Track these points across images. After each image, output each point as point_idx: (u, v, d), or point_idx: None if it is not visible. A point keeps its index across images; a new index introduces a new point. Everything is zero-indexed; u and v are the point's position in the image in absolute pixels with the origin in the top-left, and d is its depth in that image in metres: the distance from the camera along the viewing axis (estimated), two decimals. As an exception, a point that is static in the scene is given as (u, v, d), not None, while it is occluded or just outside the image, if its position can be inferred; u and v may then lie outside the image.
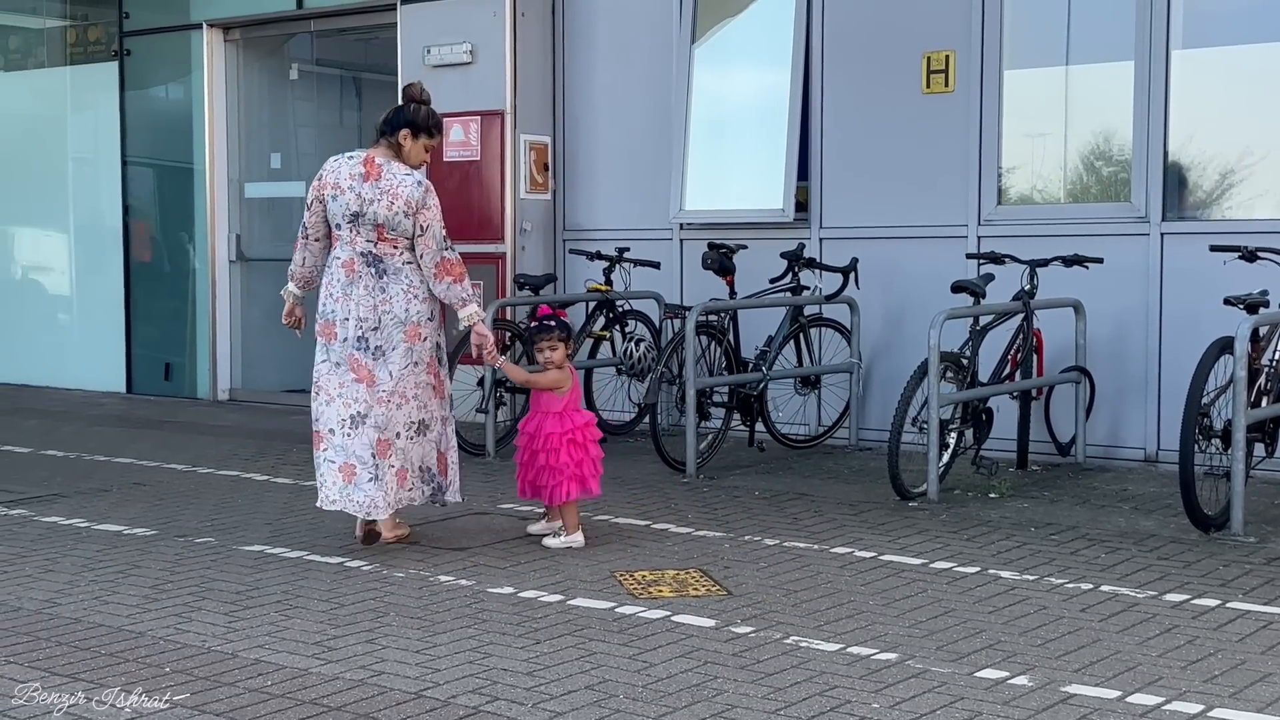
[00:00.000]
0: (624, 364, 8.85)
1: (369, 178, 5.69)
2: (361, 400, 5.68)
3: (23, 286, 12.48)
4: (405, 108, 5.91)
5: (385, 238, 5.69)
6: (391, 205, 5.65)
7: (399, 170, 5.73)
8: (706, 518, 6.38)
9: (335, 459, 5.68)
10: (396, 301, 5.70)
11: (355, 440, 5.66)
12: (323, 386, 5.73)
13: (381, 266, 5.70)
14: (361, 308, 5.68)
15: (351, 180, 5.70)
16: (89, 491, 7.16)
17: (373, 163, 5.72)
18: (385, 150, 5.81)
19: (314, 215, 5.82)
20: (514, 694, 3.94)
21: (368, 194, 5.67)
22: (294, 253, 5.95)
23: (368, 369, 5.69)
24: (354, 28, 10.76)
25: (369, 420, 5.67)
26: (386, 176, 5.69)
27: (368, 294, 5.69)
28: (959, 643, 4.41)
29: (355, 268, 5.70)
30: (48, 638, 4.51)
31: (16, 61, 12.46)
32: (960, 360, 6.96)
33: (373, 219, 5.67)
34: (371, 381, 5.68)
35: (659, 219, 9.24)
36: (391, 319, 5.70)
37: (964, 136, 8.13)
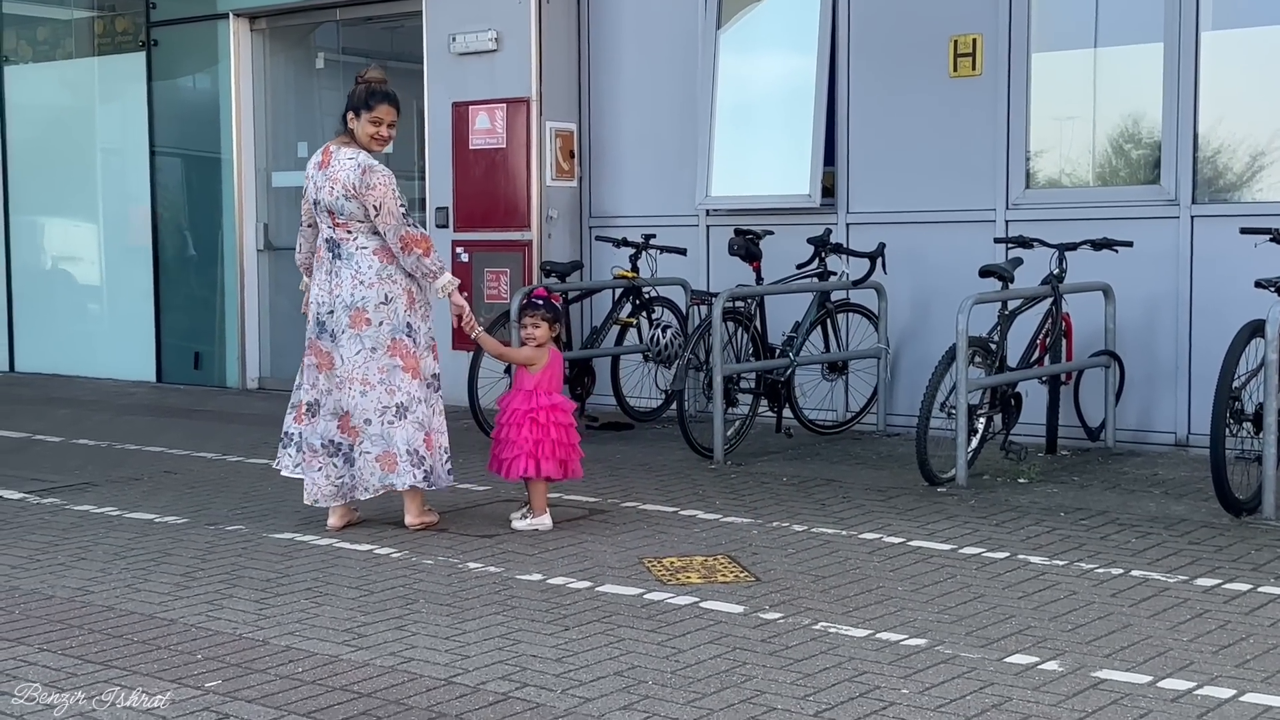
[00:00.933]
0: (650, 350, 8.85)
1: (323, 165, 5.89)
2: (317, 388, 5.88)
3: (53, 276, 12.56)
4: (350, 92, 5.99)
5: (339, 223, 5.84)
6: (333, 190, 5.80)
7: (343, 155, 5.85)
8: (734, 504, 6.37)
9: (296, 439, 5.96)
10: (344, 286, 5.82)
11: (310, 429, 5.88)
12: (302, 367, 6.00)
13: (338, 251, 5.85)
14: (320, 291, 5.88)
15: (313, 169, 5.93)
16: (120, 480, 7.21)
17: (328, 151, 5.92)
18: (343, 138, 5.94)
19: (305, 203, 6.00)
20: (543, 680, 3.95)
21: (320, 181, 5.86)
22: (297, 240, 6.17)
23: (326, 353, 5.86)
24: (379, 16, 10.77)
25: (323, 409, 5.86)
26: (334, 163, 5.85)
27: (326, 278, 5.87)
28: (988, 628, 4.40)
29: (322, 254, 5.91)
30: (80, 625, 4.54)
31: (45, 53, 12.52)
32: (989, 345, 6.93)
33: (327, 205, 5.84)
34: (330, 366, 5.85)
35: (685, 205, 9.22)
36: (340, 303, 5.82)
37: (991, 120, 8.09)
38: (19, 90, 12.51)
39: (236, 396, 10.79)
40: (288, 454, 6.01)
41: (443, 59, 9.75)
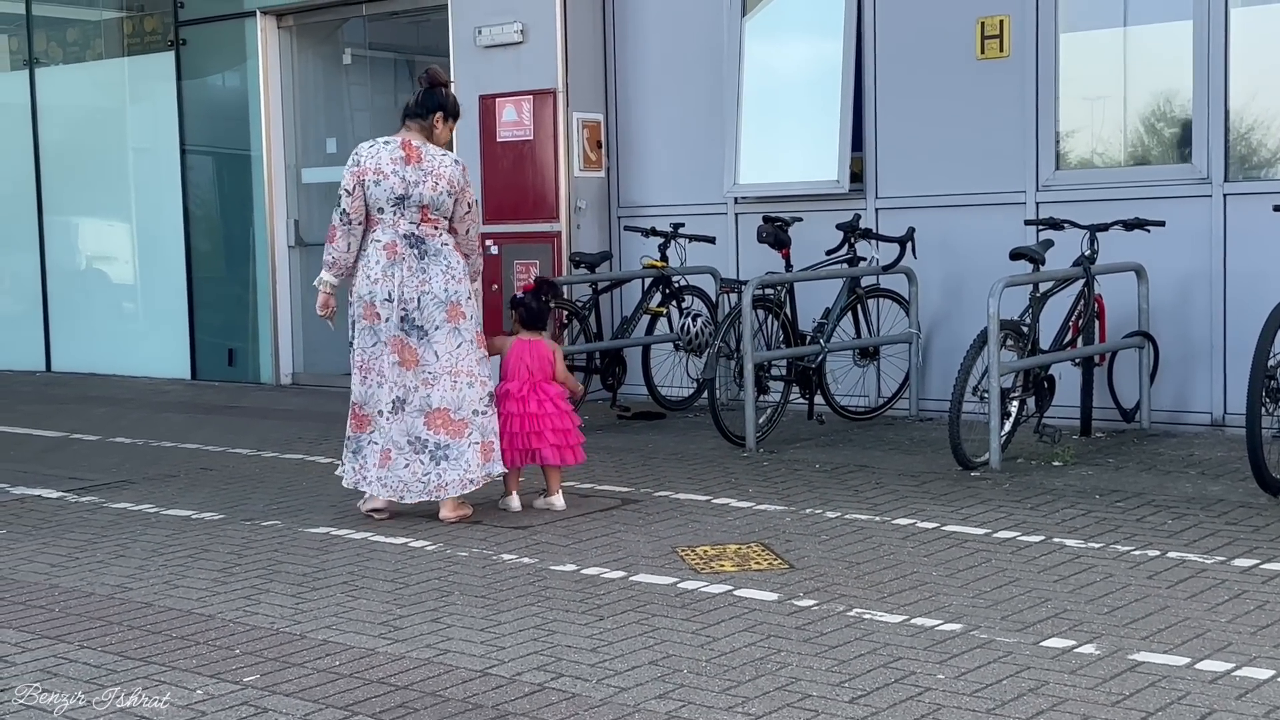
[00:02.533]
0: (681, 339, 8.85)
1: (410, 161, 5.85)
2: (402, 385, 5.85)
3: (87, 276, 12.66)
4: (436, 91, 6.00)
5: (429, 218, 5.86)
6: (436, 186, 5.84)
7: (436, 152, 5.91)
8: (767, 491, 6.37)
9: (379, 442, 5.87)
10: (436, 281, 5.84)
11: (394, 426, 5.85)
12: (373, 368, 5.88)
13: (424, 248, 5.85)
14: (405, 288, 5.82)
15: (394, 164, 5.83)
16: (157, 477, 7.26)
17: (410, 146, 5.88)
18: (418, 133, 5.94)
19: (356, 200, 5.84)
20: (579, 670, 3.96)
21: (411, 177, 5.82)
22: (332, 241, 5.88)
23: (413, 349, 5.84)
24: (405, 10, 10.80)
25: (408, 405, 5.84)
26: (427, 159, 5.86)
27: (411, 275, 5.83)
28: (1024, 612, 4.39)
29: (398, 249, 5.83)
30: (120, 622, 4.59)
31: (75, 54, 12.62)
32: (1021, 328, 6.90)
33: (418, 201, 5.82)
34: (416, 363, 5.84)
35: (713, 193, 9.22)
36: (432, 299, 5.84)
37: (1020, 101, 8.04)
38: (50, 92, 12.61)
39: (270, 392, 10.85)
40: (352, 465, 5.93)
41: (469, 52, 9.77)
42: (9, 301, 13.13)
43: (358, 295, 5.90)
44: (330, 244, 5.90)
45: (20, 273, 12.85)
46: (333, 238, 5.90)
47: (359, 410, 5.93)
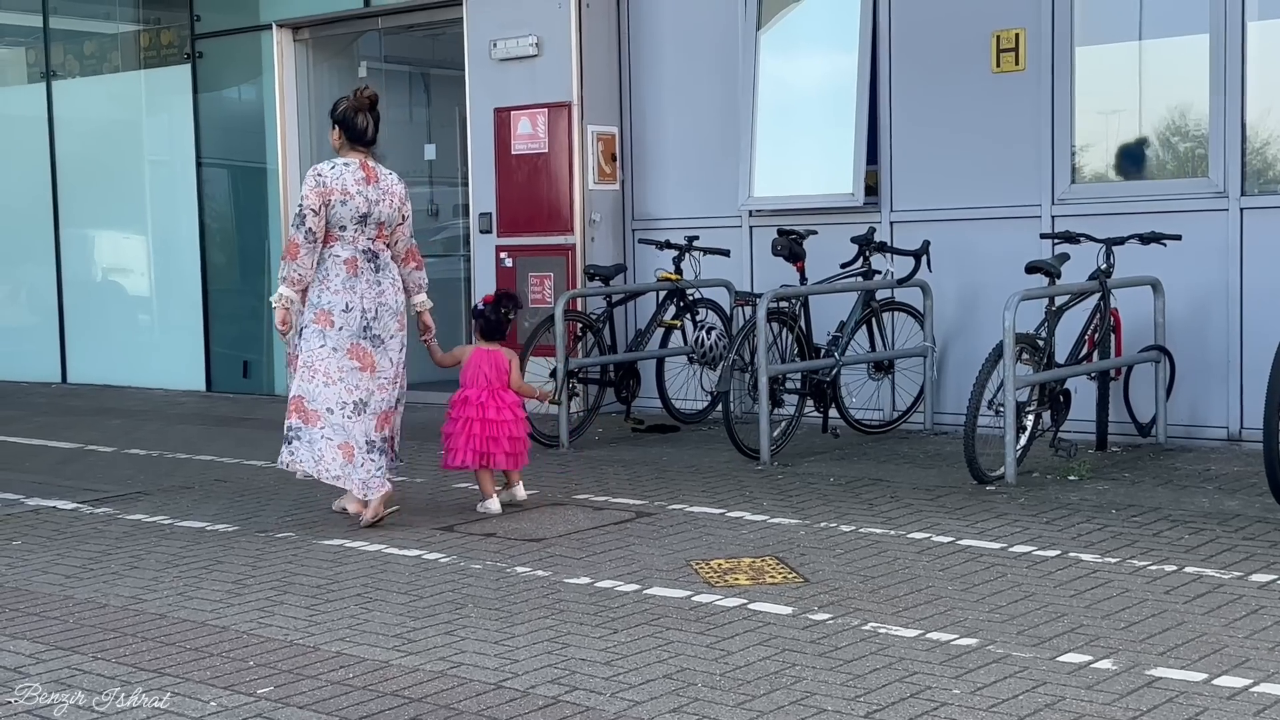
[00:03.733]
0: (695, 352, 8.84)
1: (372, 181, 6.19)
2: (363, 388, 6.15)
3: (103, 288, 12.70)
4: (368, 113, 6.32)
5: (382, 234, 6.25)
6: (391, 204, 6.24)
7: (385, 171, 6.30)
8: (781, 505, 6.36)
9: (334, 437, 6.09)
10: (389, 293, 6.23)
11: (356, 425, 6.13)
12: (320, 369, 6.10)
13: (378, 262, 6.21)
14: (365, 300, 6.14)
15: (358, 185, 6.14)
16: (171, 489, 7.27)
17: (368, 167, 6.23)
18: (366, 155, 6.27)
19: (320, 219, 6.07)
20: (592, 684, 3.95)
21: (373, 196, 6.17)
22: (295, 258, 6.03)
23: (372, 357, 6.16)
24: (421, 24, 10.82)
25: (369, 407, 6.15)
26: (383, 179, 6.25)
27: (369, 287, 6.16)
28: (1040, 627, 4.36)
29: (357, 264, 6.15)
30: (134, 633, 4.59)
31: (92, 66, 12.67)
32: (1036, 342, 6.88)
33: (377, 219, 6.19)
34: (374, 369, 6.17)
35: (728, 206, 9.22)
36: (387, 310, 6.21)
37: (1036, 115, 8.03)
38: (67, 104, 12.66)
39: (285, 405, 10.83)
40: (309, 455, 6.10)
41: (484, 65, 9.79)
42: (25, 313, 13.17)
43: (310, 304, 6.13)
44: (293, 260, 6.05)
45: (36, 285, 12.90)
46: (295, 254, 6.05)
47: (305, 404, 6.10)
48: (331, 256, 6.12)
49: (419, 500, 6.75)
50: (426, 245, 11.52)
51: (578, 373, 8.59)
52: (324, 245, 6.12)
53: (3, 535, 6.20)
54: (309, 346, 6.11)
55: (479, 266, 9.98)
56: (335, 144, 6.31)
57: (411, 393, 10.84)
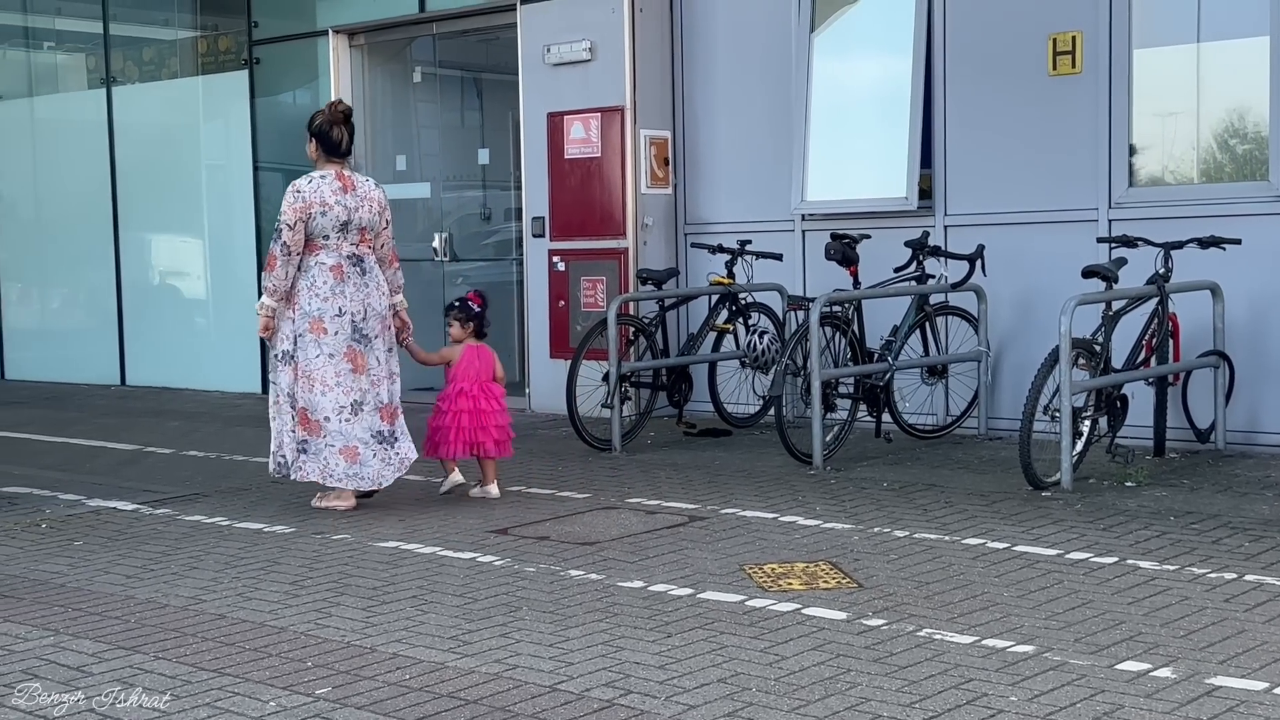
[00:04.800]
0: (747, 356, 8.84)
1: (350, 190, 6.57)
2: (358, 388, 6.53)
3: (161, 291, 12.86)
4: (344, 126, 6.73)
5: (365, 239, 6.61)
6: (372, 209, 6.60)
7: (362, 179, 6.70)
8: (834, 510, 6.34)
9: (335, 444, 6.50)
10: (374, 296, 6.61)
11: (355, 425, 6.52)
12: (317, 378, 6.49)
13: (363, 266, 6.59)
14: (353, 303, 6.53)
15: (335, 195, 6.51)
16: (229, 490, 7.35)
17: (344, 176, 6.59)
18: (342, 165, 6.65)
19: (297, 234, 6.47)
20: (647, 687, 3.96)
21: (351, 204, 6.54)
22: (272, 270, 6.48)
23: (362, 357, 6.56)
24: (475, 29, 10.88)
25: (366, 405, 6.54)
26: (360, 187, 6.62)
27: (356, 290, 6.55)
28: (1098, 634, 4.33)
29: (343, 270, 6.53)
30: (194, 633, 4.64)
31: (150, 73, 12.83)
32: (1093, 347, 6.83)
33: (358, 224, 6.55)
34: (365, 369, 6.56)
35: (780, 210, 9.20)
36: (373, 312, 6.60)
37: (1093, 118, 7.97)
38: (126, 110, 12.82)
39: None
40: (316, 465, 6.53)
41: (538, 70, 9.83)
42: (85, 316, 13.35)
43: (303, 312, 6.50)
44: (271, 272, 6.50)
45: (96, 288, 13.07)
46: (273, 266, 6.49)
47: (309, 416, 6.51)
48: (318, 265, 6.50)
49: (472, 503, 6.78)
50: (479, 249, 11.63)
51: (630, 376, 8.60)
52: (310, 254, 6.51)
53: (65, 536, 6.29)
54: (306, 356, 6.51)
55: (532, 271, 10.02)
56: (312, 156, 6.69)
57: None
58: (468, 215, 11.75)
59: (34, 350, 13.68)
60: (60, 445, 9.27)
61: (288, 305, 6.55)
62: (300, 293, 6.51)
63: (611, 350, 8.17)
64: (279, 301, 6.54)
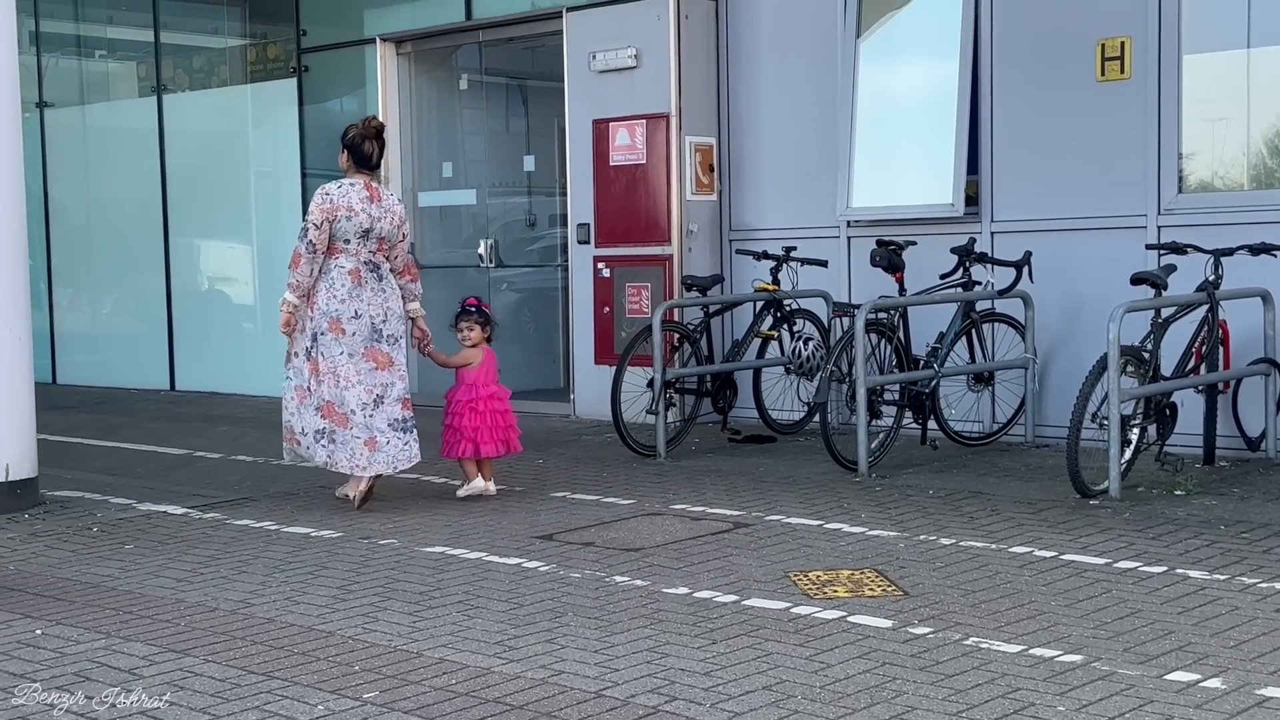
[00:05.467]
0: (792, 363, 8.83)
1: (375, 200, 6.90)
2: (381, 383, 6.86)
3: (209, 297, 12.98)
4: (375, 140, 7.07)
5: (383, 249, 6.95)
6: (393, 221, 6.94)
7: (386, 192, 7.06)
8: (880, 517, 6.32)
9: (360, 435, 6.81)
10: (392, 300, 6.97)
11: (376, 418, 6.85)
12: (340, 374, 6.82)
13: (379, 272, 6.92)
14: (372, 306, 6.87)
15: (362, 204, 6.85)
16: (277, 495, 7.41)
17: (372, 187, 6.94)
18: (371, 177, 7.00)
19: (323, 233, 6.78)
20: (692, 694, 3.96)
21: (375, 213, 6.87)
22: (297, 267, 6.78)
23: (387, 355, 6.89)
24: (521, 36, 10.93)
25: (388, 398, 6.87)
26: (385, 199, 6.97)
27: (374, 294, 6.88)
28: (1147, 644, 4.30)
29: (361, 275, 6.85)
30: (243, 637, 4.69)
31: (200, 80, 12.97)
32: (1141, 354, 6.78)
33: (378, 233, 6.88)
34: (390, 364, 6.90)
35: (826, 217, 9.19)
36: (393, 314, 6.97)
37: (1141, 124, 7.91)
38: (176, 118, 12.95)
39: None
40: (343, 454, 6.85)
41: (583, 77, 9.86)
42: (135, 321, 13.49)
43: (321, 312, 6.81)
44: (296, 269, 6.80)
45: (146, 293, 13.20)
46: (297, 264, 6.79)
47: (335, 409, 6.83)
48: (337, 267, 6.81)
49: (518, 508, 6.81)
50: (523, 255, 11.67)
51: (675, 383, 8.61)
52: (330, 257, 6.82)
53: (116, 539, 6.37)
54: (330, 354, 6.83)
55: (576, 277, 10.05)
56: (343, 165, 7.03)
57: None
58: (513, 222, 11.80)
59: (85, 355, 13.84)
60: (111, 449, 9.38)
61: (307, 303, 6.87)
62: (319, 293, 6.82)
63: (656, 356, 8.19)
64: (300, 299, 6.84)
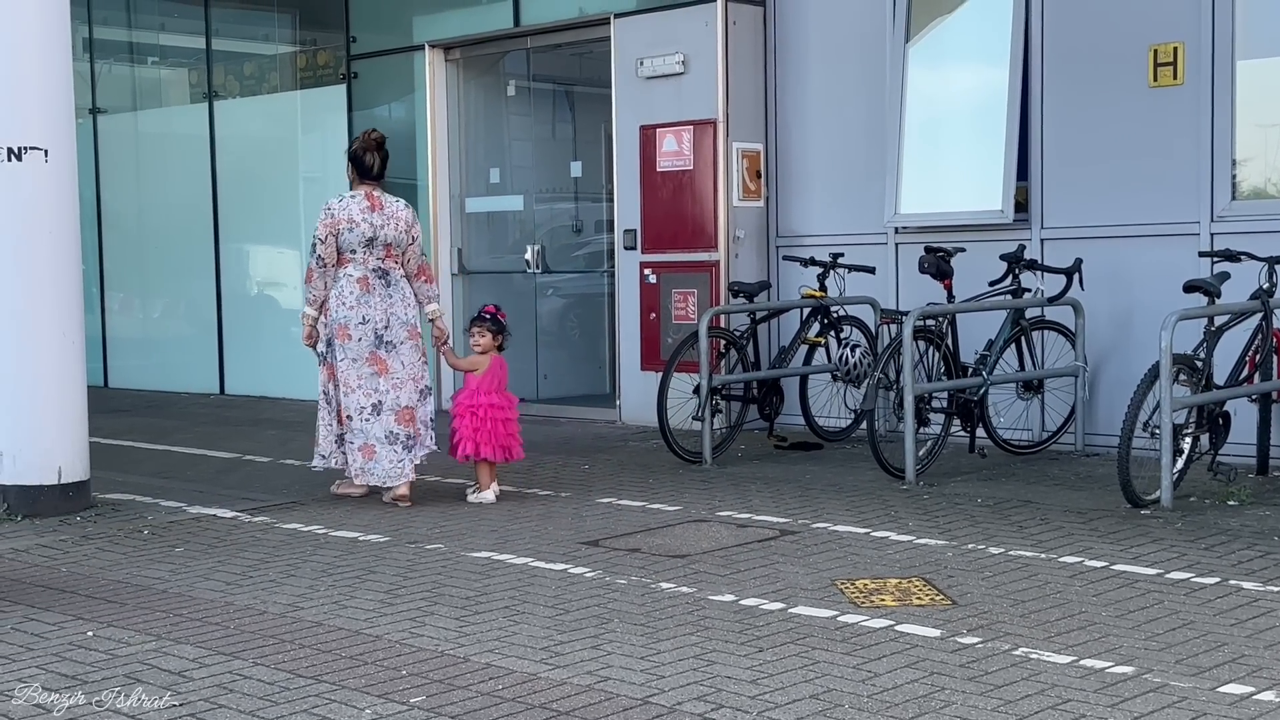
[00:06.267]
0: (839, 370, 8.79)
1: (374, 209, 7.12)
2: (380, 391, 7.08)
3: (258, 302, 13.07)
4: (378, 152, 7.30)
5: (391, 255, 7.16)
6: (397, 227, 7.14)
7: (391, 200, 7.24)
8: (927, 525, 6.28)
9: (355, 440, 7.10)
10: (398, 307, 7.16)
11: (374, 425, 7.08)
12: (343, 380, 7.10)
13: (388, 279, 7.15)
14: (376, 312, 7.09)
15: (363, 214, 7.09)
16: (325, 499, 7.45)
17: (373, 197, 7.17)
18: (373, 186, 7.21)
19: (329, 247, 7.09)
20: (739, 702, 3.95)
21: (377, 221, 7.10)
22: (310, 282, 7.14)
23: (385, 362, 7.10)
24: (568, 43, 10.95)
25: (385, 407, 7.08)
26: (389, 206, 7.18)
27: (380, 301, 7.10)
28: (1199, 656, 4.25)
29: (369, 282, 7.10)
30: (292, 640, 4.71)
31: (250, 87, 13.07)
32: (1194, 363, 6.70)
33: (384, 240, 7.11)
34: (387, 371, 7.09)
35: (873, 223, 9.15)
36: (398, 321, 7.15)
37: (1194, 130, 7.83)
38: (227, 124, 13.07)
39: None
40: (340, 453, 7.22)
41: (630, 83, 9.87)
42: (185, 326, 13.62)
43: (333, 319, 7.09)
44: (309, 284, 7.16)
45: (197, 298, 13.32)
46: (310, 279, 7.14)
47: (343, 414, 7.13)
48: (346, 276, 7.09)
49: (563, 514, 6.82)
50: (569, 260, 11.69)
51: (721, 389, 8.60)
52: (340, 267, 7.10)
53: (166, 542, 6.42)
54: (336, 359, 7.12)
55: (623, 283, 10.06)
56: (349, 177, 7.30)
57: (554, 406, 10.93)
58: (559, 227, 11.82)
59: (136, 359, 13.98)
60: (161, 452, 9.47)
61: (323, 313, 7.18)
62: (330, 301, 7.12)
63: (702, 363, 8.18)
64: (317, 310, 7.16)
